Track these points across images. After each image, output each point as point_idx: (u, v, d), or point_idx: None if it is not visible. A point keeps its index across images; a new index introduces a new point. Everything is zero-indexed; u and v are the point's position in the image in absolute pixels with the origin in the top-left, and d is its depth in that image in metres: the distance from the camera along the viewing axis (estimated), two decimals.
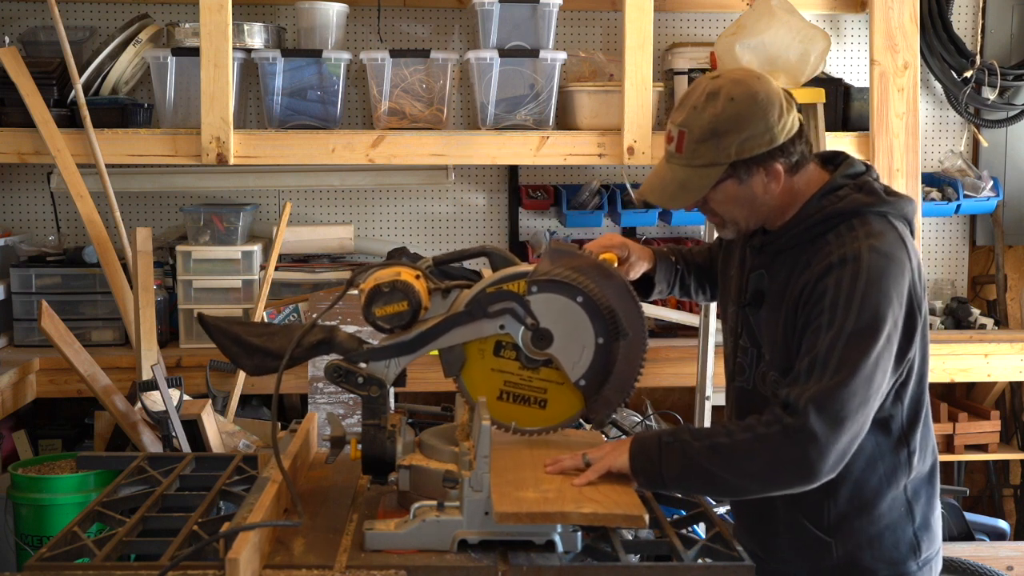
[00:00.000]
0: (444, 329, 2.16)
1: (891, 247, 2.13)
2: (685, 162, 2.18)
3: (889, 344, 2.09)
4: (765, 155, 2.15)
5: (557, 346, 2.17)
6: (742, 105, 2.14)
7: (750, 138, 2.13)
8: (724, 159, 2.14)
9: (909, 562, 2.25)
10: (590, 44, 4.80)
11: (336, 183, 4.63)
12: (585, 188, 4.58)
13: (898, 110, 4.26)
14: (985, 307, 4.95)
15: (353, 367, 2.15)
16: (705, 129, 2.14)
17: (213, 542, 1.91)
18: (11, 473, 3.74)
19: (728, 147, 2.13)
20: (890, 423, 2.22)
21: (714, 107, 2.15)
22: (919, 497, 2.27)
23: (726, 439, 2.08)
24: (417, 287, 2.12)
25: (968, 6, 4.93)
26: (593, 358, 2.18)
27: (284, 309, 4.24)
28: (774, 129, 2.14)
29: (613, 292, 2.18)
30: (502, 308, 2.14)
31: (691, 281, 2.62)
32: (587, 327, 2.17)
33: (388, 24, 4.66)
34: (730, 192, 2.19)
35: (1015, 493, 4.99)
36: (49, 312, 3.65)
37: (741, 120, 2.13)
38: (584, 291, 2.16)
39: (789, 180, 2.20)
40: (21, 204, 4.71)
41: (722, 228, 2.29)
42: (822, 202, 2.20)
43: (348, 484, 2.34)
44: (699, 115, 2.16)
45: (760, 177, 2.17)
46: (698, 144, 2.15)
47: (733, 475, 2.07)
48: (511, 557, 1.94)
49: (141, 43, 4.30)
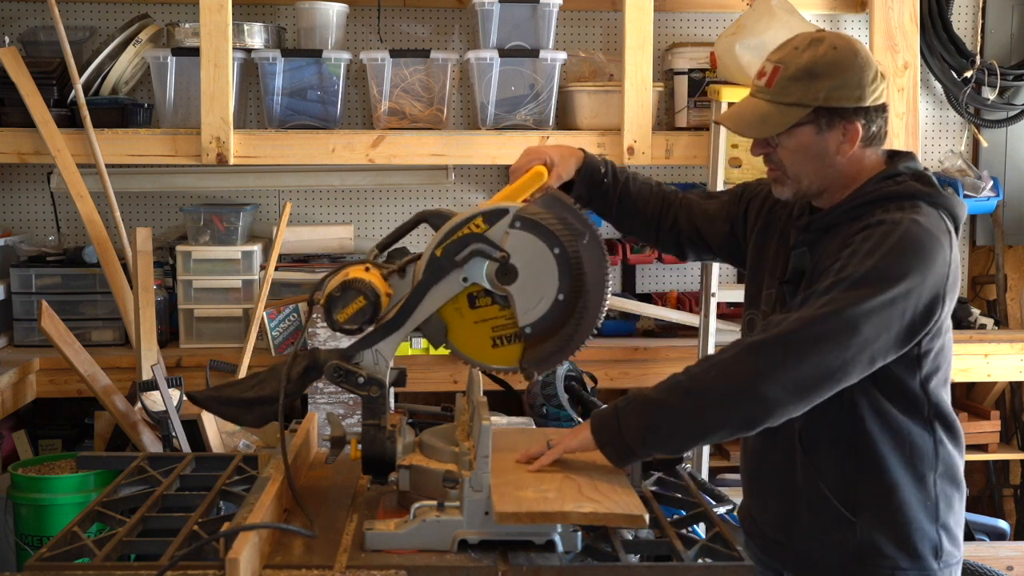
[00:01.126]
0: (420, 295, 2.14)
1: (935, 228, 2.11)
2: (772, 97, 2.18)
3: (894, 307, 2.04)
4: (850, 111, 2.16)
5: (518, 286, 2.14)
6: (843, 55, 2.15)
7: (842, 87, 2.14)
8: (811, 101, 2.14)
9: (930, 559, 2.21)
10: (590, 44, 4.80)
11: (336, 183, 4.64)
12: None
13: (898, 110, 4.26)
14: (985, 307, 4.95)
15: (353, 367, 2.15)
16: (801, 68, 2.15)
17: (213, 542, 1.91)
18: (11, 473, 3.74)
19: (819, 90, 2.14)
20: (917, 408, 2.19)
21: (815, 50, 2.16)
22: (944, 500, 2.23)
23: (683, 376, 2.08)
24: (368, 279, 2.11)
25: (968, 6, 4.93)
26: (548, 311, 2.16)
27: (284, 309, 4.24)
28: (866, 88, 2.15)
29: (588, 255, 2.16)
30: (469, 252, 2.12)
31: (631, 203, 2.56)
32: (553, 279, 2.15)
33: (388, 24, 4.67)
34: (805, 140, 2.18)
35: (1015, 493, 4.99)
36: (49, 312, 3.65)
37: (838, 69, 2.14)
38: (563, 244, 2.15)
39: (861, 152, 2.20)
40: (21, 204, 4.71)
41: (781, 185, 2.25)
42: (879, 185, 2.19)
43: (348, 484, 2.34)
44: (799, 55, 2.17)
45: (838, 133, 2.17)
46: (790, 81, 2.16)
47: (691, 409, 2.04)
48: (511, 557, 1.94)
49: (141, 43, 4.30)
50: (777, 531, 2.34)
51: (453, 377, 4.30)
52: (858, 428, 2.19)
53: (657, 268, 4.92)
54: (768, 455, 2.34)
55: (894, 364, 2.13)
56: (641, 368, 4.33)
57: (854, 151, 2.19)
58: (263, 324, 4.20)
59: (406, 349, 4.28)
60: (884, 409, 2.18)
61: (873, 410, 2.18)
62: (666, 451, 2.15)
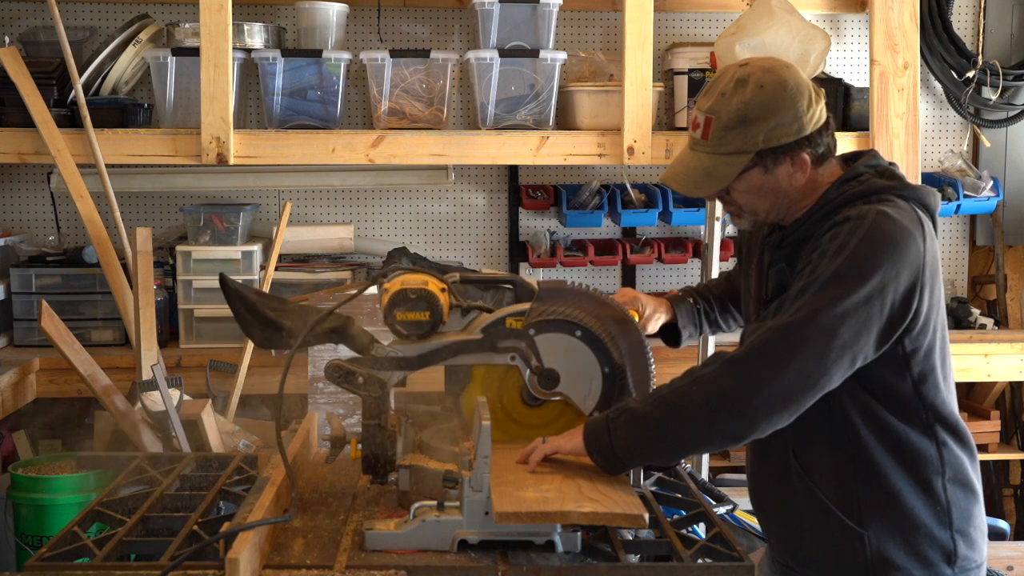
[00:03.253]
0: (452, 352, 2.17)
1: (904, 219, 2.08)
2: (711, 149, 2.15)
3: (869, 306, 2.01)
4: (793, 144, 2.13)
5: (565, 384, 2.21)
6: (771, 93, 2.11)
7: (778, 126, 2.11)
8: (751, 147, 2.12)
9: (944, 566, 2.16)
10: (590, 44, 4.80)
11: (336, 183, 4.63)
12: (585, 188, 4.58)
13: (898, 110, 4.26)
14: (985, 307, 4.95)
15: (354, 367, 2.15)
16: (733, 116, 2.12)
17: (213, 542, 1.91)
18: (11, 473, 3.74)
19: (756, 135, 2.11)
20: (912, 415, 2.14)
21: (742, 94, 2.12)
22: (957, 505, 2.17)
23: (667, 390, 2.09)
24: (441, 300, 2.13)
25: (968, 6, 4.93)
26: (603, 388, 2.23)
27: None
28: (803, 118, 2.13)
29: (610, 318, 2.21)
30: (511, 346, 2.18)
31: (716, 314, 2.62)
32: (591, 360, 2.21)
33: (388, 24, 4.66)
34: (755, 182, 2.16)
35: (1015, 493, 4.99)
36: (49, 312, 3.65)
37: (770, 108, 2.11)
38: (581, 325, 2.18)
39: (813, 172, 2.18)
40: (21, 204, 4.71)
41: (738, 218, 2.25)
42: (842, 188, 2.17)
43: (348, 484, 2.34)
44: (727, 102, 2.13)
45: (786, 167, 2.15)
46: (725, 131, 2.12)
47: (676, 425, 2.05)
48: (511, 557, 1.94)
49: (141, 43, 4.30)
50: (784, 552, 2.29)
51: None
52: (852, 437, 2.15)
53: (657, 268, 4.92)
54: (764, 474, 2.30)
55: (881, 368, 2.09)
56: None
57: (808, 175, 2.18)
58: None
59: None
60: (877, 415, 2.14)
61: (865, 417, 2.13)
62: (654, 462, 2.19)
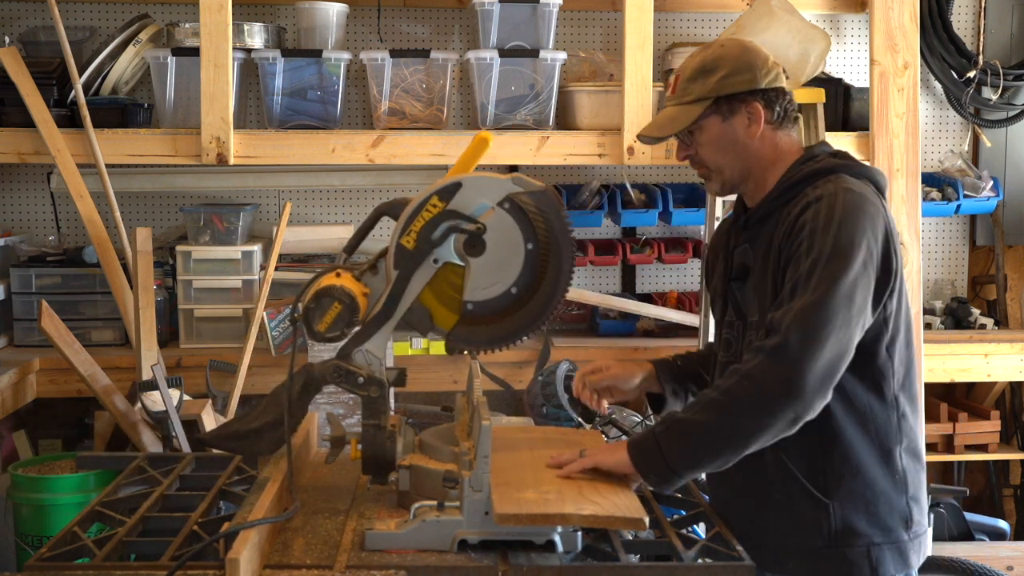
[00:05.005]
0: (399, 287, 2.16)
1: (865, 192, 2.25)
2: (676, 100, 2.35)
3: (866, 271, 2.15)
4: (746, 94, 2.31)
5: (480, 261, 2.16)
6: (729, 50, 2.35)
7: (732, 75, 2.30)
8: (709, 93, 2.30)
9: (902, 532, 2.27)
10: (590, 44, 4.80)
11: (336, 183, 4.64)
12: (585, 188, 4.58)
13: (898, 110, 4.26)
14: (985, 307, 4.95)
15: (353, 367, 2.16)
16: (695, 68, 2.34)
17: (213, 542, 1.91)
18: (11, 473, 3.74)
19: (712, 83, 2.30)
20: (881, 383, 2.26)
21: (705, 52, 2.36)
22: (910, 470, 2.29)
23: (715, 393, 2.13)
24: (339, 283, 2.12)
25: (968, 6, 4.93)
26: (496, 297, 2.18)
27: (284, 309, 4.24)
28: (757, 72, 2.31)
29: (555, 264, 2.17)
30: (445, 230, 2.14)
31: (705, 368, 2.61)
32: (515, 271, 2.17)
33: (388, 24, 4.67)
34: (715, 130, 2.33)
35: (1015, 493, 4.99)
36: (49, 312, 3.65)
37: (725, 61, 2.32)
38: (538, 243, 2.16)
39: (773, 135, 2.34)
40: (21, 204, 4.71)
41: (709, 180, 2.40)
42: (800, 167, 2.33)
43: (348, 484, 2.34)
44: (692, 60, 2.37)
45: (743, 117, 2.31)
46: (688, 83, 2.33)
47: (732, 422, 2.10)
48: (511, 557, 1.94)
49: (141, 43, 4.30)
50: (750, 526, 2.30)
51: (453, 377, 4.30)
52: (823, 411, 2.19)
53: (657, 268, 4.92)
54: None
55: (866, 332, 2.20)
56: None
57: (764, 132, 2.33)
58: (263, 324, 4.20)
59: (406, 349, 4.28)
60: (846, 387, 2.22)
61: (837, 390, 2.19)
62: (711, 469, 2.17)
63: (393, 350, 4.22)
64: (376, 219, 2.26)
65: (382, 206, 2.25)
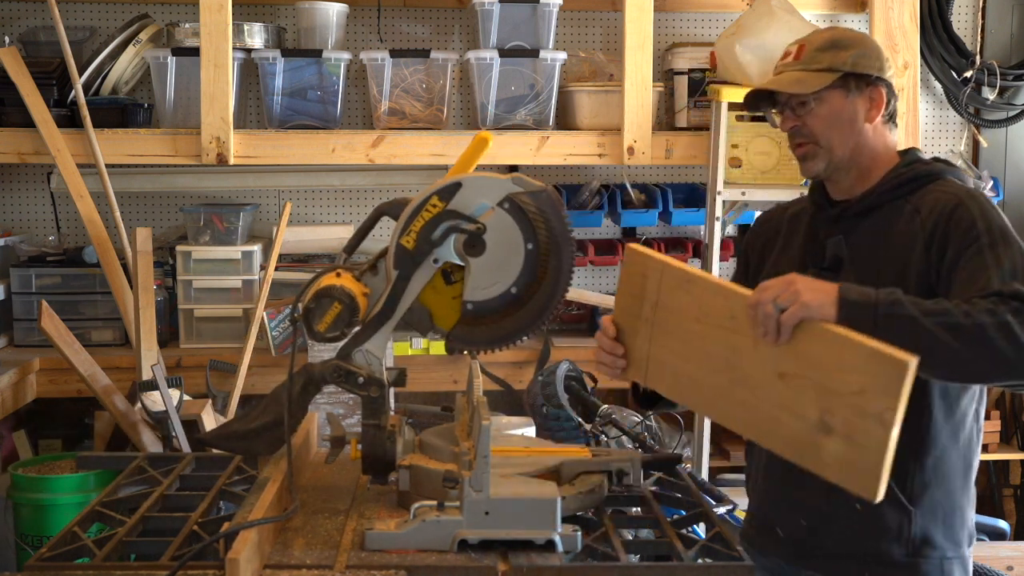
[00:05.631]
0: (399, 287, 2.16)
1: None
2: (802, 67, 2.27)
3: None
4: (874, 78, 2.26)
5: (480, 261, 2.14)
6: (859, 34, 2.33)
7: (866, 56, 2.26)
8: (840, 65, 2.24)
9: (966, 547, 2.24)
10: (590, 44, 4.80)
11: (336, 183, 4.64)
12: (585, 188, 4.58)
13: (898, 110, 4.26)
14: None
15: (353, 367, 2.16)
16: (826, 40, 2.28)
17: (213, 542, 1.91)
18: (11, 473, 3.74)
19: (845, 57, 2.24)
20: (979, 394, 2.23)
21: (835, 29, 2.34)
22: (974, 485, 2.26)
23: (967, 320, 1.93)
24: (339, 283, 2.12)
25: (968, 6, 4.93)
26: (495, 297, 2.17)
27: (284, 309, 4.24)
28: (885, 62, 2.28)
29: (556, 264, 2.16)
30: (445, 231, 2.13)
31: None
32: (515, 271, 2.16)
33: (388, 24, 4.67)
34: (836, 104, 2.25)
35: (1015, 493, 4.99)
36: (49, 312, 3.65)
37: (860, 40, 2.28)
38: (538, 243, 2.16)
39: (884, 128, 2.30)
40: (21, 204, 4.71)
41: (812, 158, 2.27)
42: (908, 168, 2.27)
43: (348, 484, 2.34)
44: (821, 32, 2.32)
45: (865, 99, 2.27)
46: (817, 52, 2.26)
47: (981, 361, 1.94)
48: (511, 557, 1.94)
49: (141, 43, 4.30)
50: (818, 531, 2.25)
51: (453, 377, 4.30)
52: (926, 413, 2.16)
53: None
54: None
55: None
56: None
57: (879, 123, 2.28)
58: (263, 324, 4.21)
59: (406, 349, 4.28)
60: (952, 395, 2.18)
61: (942, 395, 2.17)
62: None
63: (393, 350, 4.22)
64: (376, 219, 2.25)
65: (382, 206, 2.25)
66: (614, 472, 2.25)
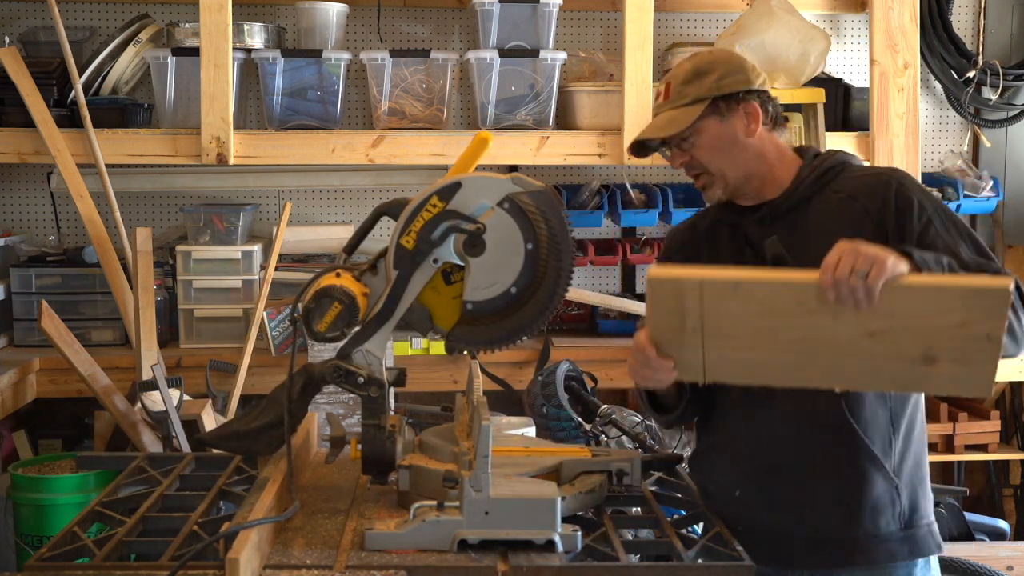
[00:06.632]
0: (399, 287, 2.16)
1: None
2: (671, 105, 2.33)
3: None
4: (743, 93, 2.31)
5: (480, 261, 2.15)
6: (719, 54, 2.38)
7: (727, 75, 2.31)
8: (706, 93, 2.29)
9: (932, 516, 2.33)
10: (590, 44, 4.80)
11: (336, 183, 4.64)
12: (585, 188, 4.58)
13: (898, 110, 4.26)
14: None
15: (353, 367, 2.16)
16: (688, 71, 2.33)
17: (213, 542, 1.91)
18: (11, 473, 3.74)
19: (709, 83, 2.30)
20: None
21: (695, 58, 2.38)
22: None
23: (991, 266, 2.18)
24: (339, 283, 2.13)
25: (968, 6, 4.93)
26: (496, 297, 2.17)
27: (284, 309, 4.24)
28: (750, 74, 2.33)
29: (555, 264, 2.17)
30: (445, 230, 2.14)
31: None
32: (515, 271, 2.17)
33: (388, 24, 4.67)
34: (713, 131, 2.31)
35: (1015, 493, 4.99)
36: (49, 312, 3.65)
37: (718, 63, 2.33)
38: (538, 243, 2.16)
39: (770, 135, 2.34)
40: (21, 204, 4.71)
41: (711, 187, 2.35)
42: (816, 160, 2.35)
43: (348, 484, 2.34)
44: (681, 66, 2.38)
45: (740, 116, 2.31)
46: (682, 86, 2.33)
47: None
48: (511, 557, 1.94)
49: (141, 43, 4.30)
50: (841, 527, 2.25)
51: (453, 377, 4.30)
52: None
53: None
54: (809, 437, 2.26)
55: None
56: None
57: (762, 132, 2.32)
58: (263, 324, 4.20)
59: (406, 349, 4.28)
60: None
61: None
62: None
63: (393, 350, 4.22)
64: (376, 219, 2.26)
65: (382, 206, 2.25)
66: (614, 472, 2.25)
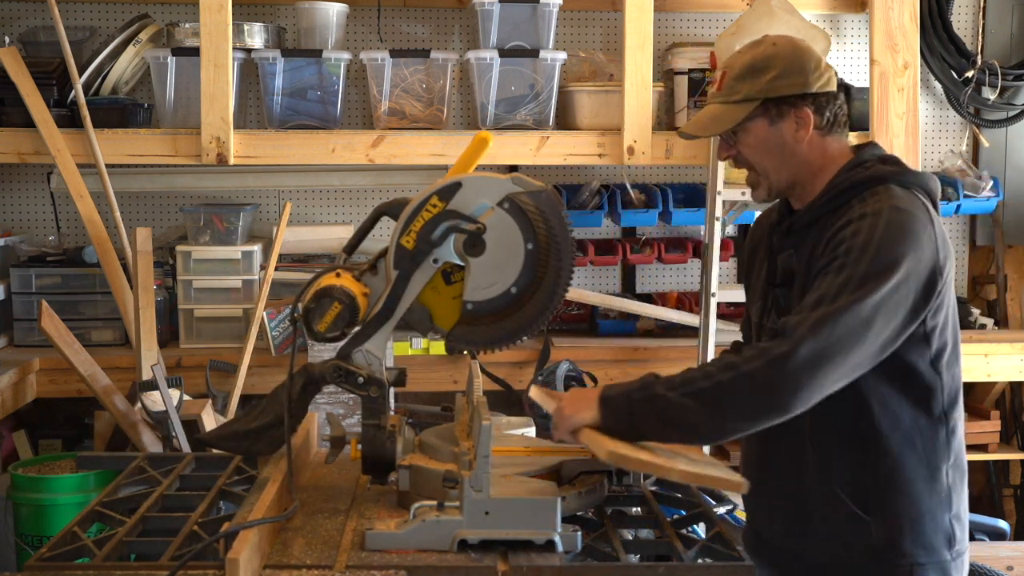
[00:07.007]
0: (399, 287, 2.16)
1: (914, 208, 2.16)
2: (723, 99, 2.26)
3: (897, 293, 2.07)
4: (796, 98, 2.22)
5: (480, 261, 2.15)
6: (781, 49, 2.24)
7: (783, 76, 2.21)
8: (757, 94, 2.21)
9: (944, 551, 2.21)
10: (590, 44, 4.80)
11: (336, 183, 4.64)
12: (585, 188, 4.58)
13: (898, 110, 4.26)
14: (985, 307, 4.95)
15: (353, 367, 2.16)
16: (744, 66, 2.24)
17: (213, 542, 1.91)
18: (11, 473, 3.74)
19: (762, 83, 2.21)
20: (930, 399, 2.20)
21: (755, 50, 2.26)
22: (955, 487, 2.24)
23: (707, 383, 2.06)
24: (339, 283, 2.13)
25: (968, 6, 4.93)
26: (496, 297, 2.17)
27: (284, 309, 4.24)
28: (809, 75, 2.22)
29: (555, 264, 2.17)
30: (445, 231, 2.14)
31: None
32: (515, 271, 2.16)
33: (388, 24, 4.67)
34: (761, 133, 2.24)
35: (1015, 493, 4.99)
36: (49, 312, 3.65)
37: (777, 61, 2.22)
38: (538, 243, 2.16)
39: (822, 140, 2.26)
40: (21, 204, 4.71)
41: (756, 186, 2.31)
42: (848, 174, 2.24)
43: (348, 484, 2.34)
44: (741, 56, 2.27)
45: (791, 122, 2.23)
46: (736, 81, 2.24)
47: (715, 420, 2.06)
48: (511, 557, 1.94)
49: (141, 43, 4.30)
50: (788, 540, 2.29)
51: (453, 377, 4.30)
52: (869, 427, 2.18)
53: (657, 268, 4.92)
54: (773, 460, 2.30)
55: (904, 348, 2.13)
56: (641, 368, 4.31)
57: (812, 138, 2.24)
58: (263, 324, 4.21)
59: (406, 349, 4.28)
60: (894, 405, 2.18)
61: (883, 407, 2.17)
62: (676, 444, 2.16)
63: (393, 350, 4.22)
64: (376, 219, 2.26)
65: (382, 206, 2.25)
66: (614, 472, 2.25)
